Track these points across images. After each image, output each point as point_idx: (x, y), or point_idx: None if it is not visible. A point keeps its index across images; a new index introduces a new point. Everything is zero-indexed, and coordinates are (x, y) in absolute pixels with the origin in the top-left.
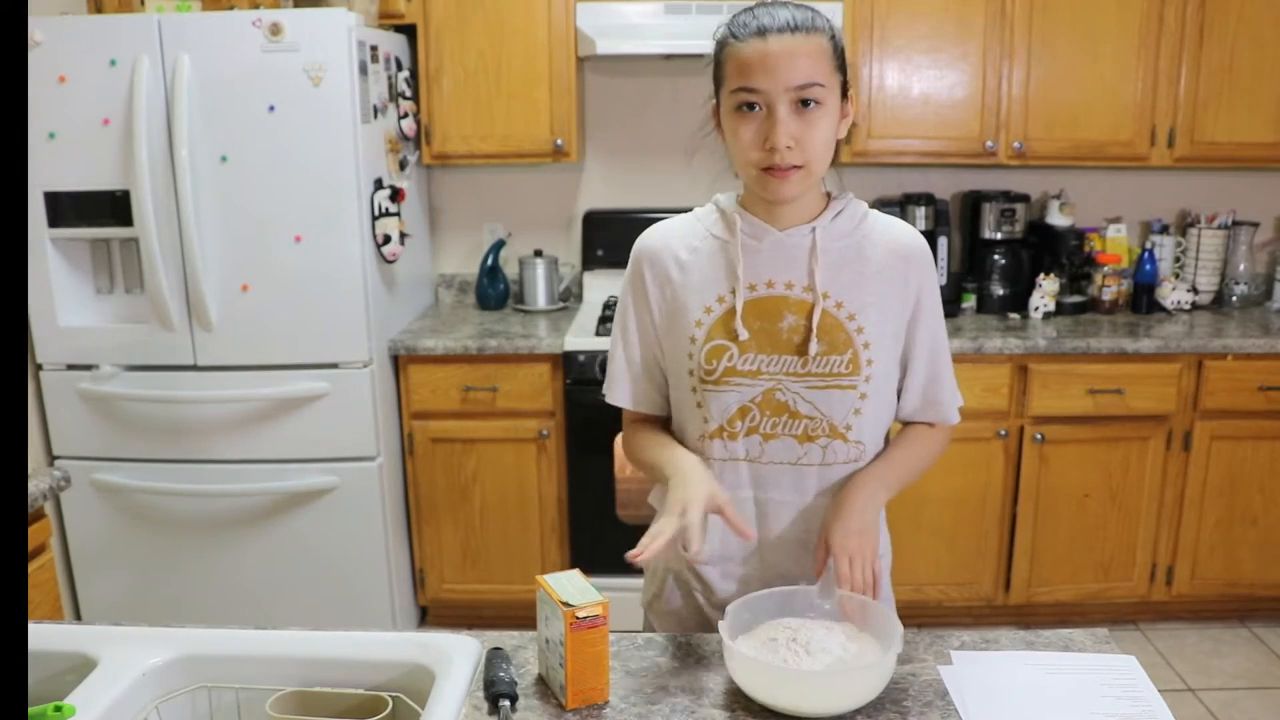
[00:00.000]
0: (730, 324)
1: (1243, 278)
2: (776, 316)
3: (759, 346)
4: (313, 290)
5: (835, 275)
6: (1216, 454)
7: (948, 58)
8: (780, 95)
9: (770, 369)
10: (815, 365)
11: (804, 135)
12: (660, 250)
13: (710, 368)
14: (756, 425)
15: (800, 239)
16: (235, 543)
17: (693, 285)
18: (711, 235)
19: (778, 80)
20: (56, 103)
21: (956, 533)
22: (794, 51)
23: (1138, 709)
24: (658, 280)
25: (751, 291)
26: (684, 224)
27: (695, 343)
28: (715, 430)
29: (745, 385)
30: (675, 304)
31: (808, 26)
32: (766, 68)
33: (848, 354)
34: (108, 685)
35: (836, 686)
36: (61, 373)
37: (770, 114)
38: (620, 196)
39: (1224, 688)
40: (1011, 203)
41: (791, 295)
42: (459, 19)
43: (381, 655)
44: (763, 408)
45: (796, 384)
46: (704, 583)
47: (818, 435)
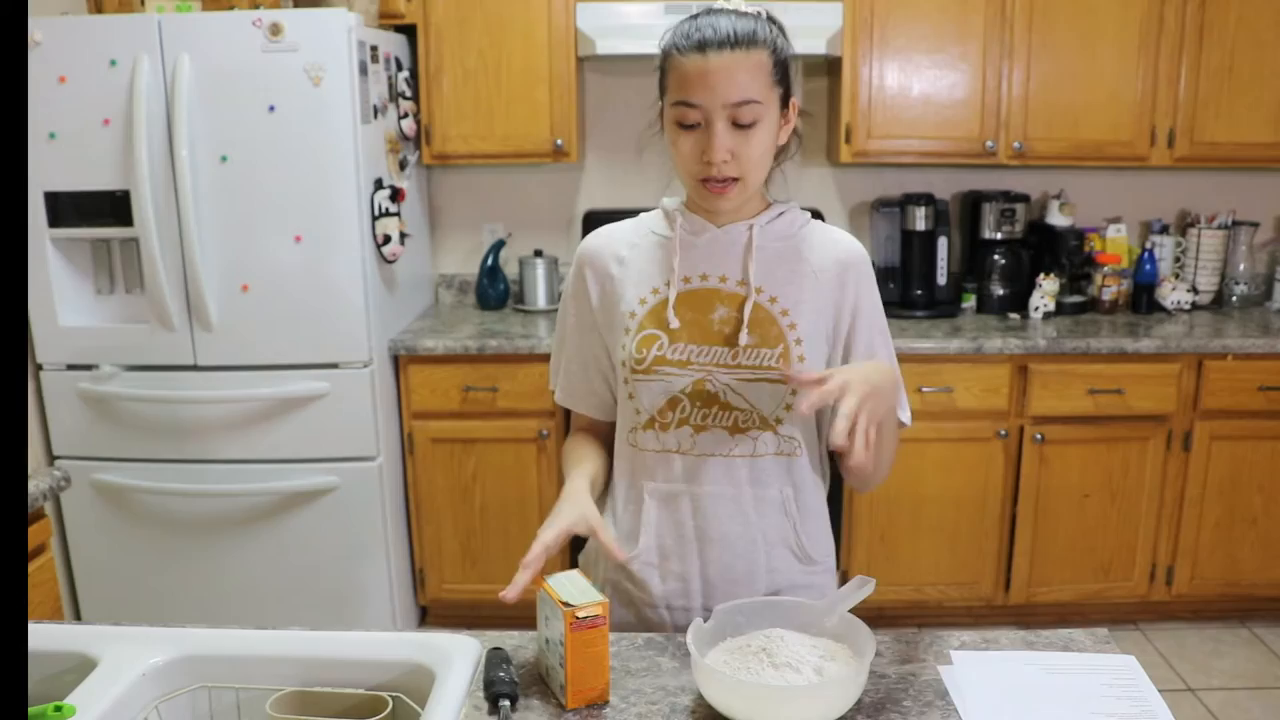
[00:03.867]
0: (662, 314)
1: (1243, 278)
2: (708, 308)
3: (689, 336)
4: (313, 290)
5: (770, 271)
6: (1216, 454)
7: (948, 58)
8: (717, 111)
9: (700, 359)
10: (745, 357)
11: (740, 149)
12: (601, 249)
13: (640, 356)
14: (687, 416)
15: (737, 235)
16: (235, 543)
17: (630, 279)
18: (653, 233)
19: (715, 96)
20: (56, 103)
21: (956, 533)
22: (732, 69)
23: (1138, 709)
24: (598, 278)
25: (685, 284)
26: (628, 225)
27: (629, 333)
28: (647, 422)
29: (674, 375)
30: (613, 298)
31: (748, 41)
32: (705, 84)
33: (779, 348)
34: (108, 685)
35: (790, 702)
36: (61, 373)
37: (708, 128)
38: (620, 196)
39: (1224, 688)
40: (1011, 203)
41: (724, 288)
42: (459, 19)
43: (381, 655)
44: (692, 398)
45: (726, 375)
46: (642, 587)
47: (748, 427)
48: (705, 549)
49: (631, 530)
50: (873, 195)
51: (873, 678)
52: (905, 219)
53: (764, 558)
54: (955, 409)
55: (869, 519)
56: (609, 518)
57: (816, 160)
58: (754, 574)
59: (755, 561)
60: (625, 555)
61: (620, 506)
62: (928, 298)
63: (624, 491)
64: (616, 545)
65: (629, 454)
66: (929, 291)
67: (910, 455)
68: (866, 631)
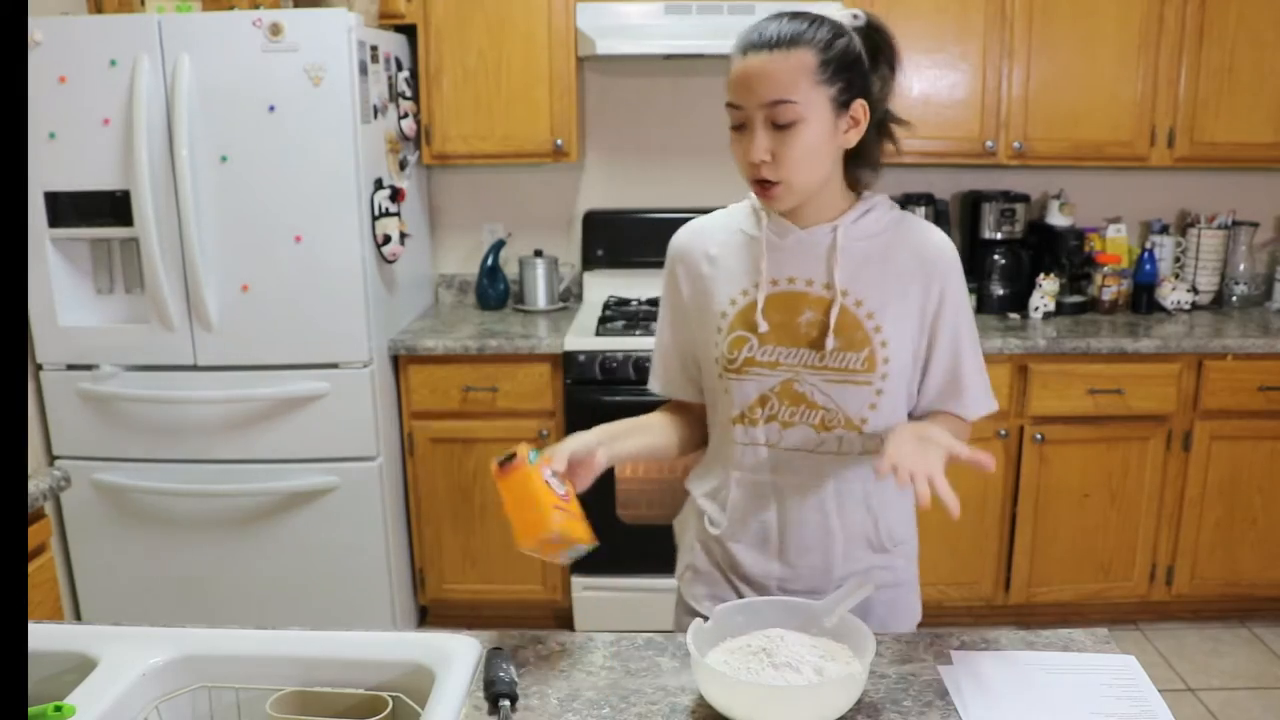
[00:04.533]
0: (751, 316)
1: (1242, 278)
2: (796, 311)
3: (778, 339)
4: (313, 290)
5: (856, 274)
6: (1216, 454)
7: (948, 58)
8: (755, 111)
9: (788, 360)
10: (831, 360)
11: (780, 151)
12: (692, 247)
13: (732, 357)
14: (775, 413)
15: (822, 237)
16: (235, 543)
17: (720, 278)
18: (741, 231)
19: (752, 97)
20: (56, 103)
21: (957, 533)
22: (767, 69)
23: (1138, 709)
24: (689, 275)
25: (774, 286)
26: (717, 220)
27: (720, 333)
28: (738, 416)
29: (764, 375)
30: (705, 296)
31: (790, 41)
32: (744, 85)
33: (864, 351)
34: (108, 685)
35: (790, 702)
36: (61, 373)
37: (751, 130)
38: (620, 196)
39: (1224, 688)
40: (1011, 203)
41: (811, 292)
42: (459, 19)
43: (381, 655)
44: (781, 397)
45: (813, 376)
46: (729, 557)
47: (834, 426)
48: (785, 534)
49: (722, 506)
50: None
51: (873, 678)
52: None
53: (840, 548)
54: None
55: None
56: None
57: None
58: (830, 562)
59: (831, 551)
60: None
61: (713, 485)
62: None
63: (716, 473)
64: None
65: (722, 442)
66: None
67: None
68: (866, 631)
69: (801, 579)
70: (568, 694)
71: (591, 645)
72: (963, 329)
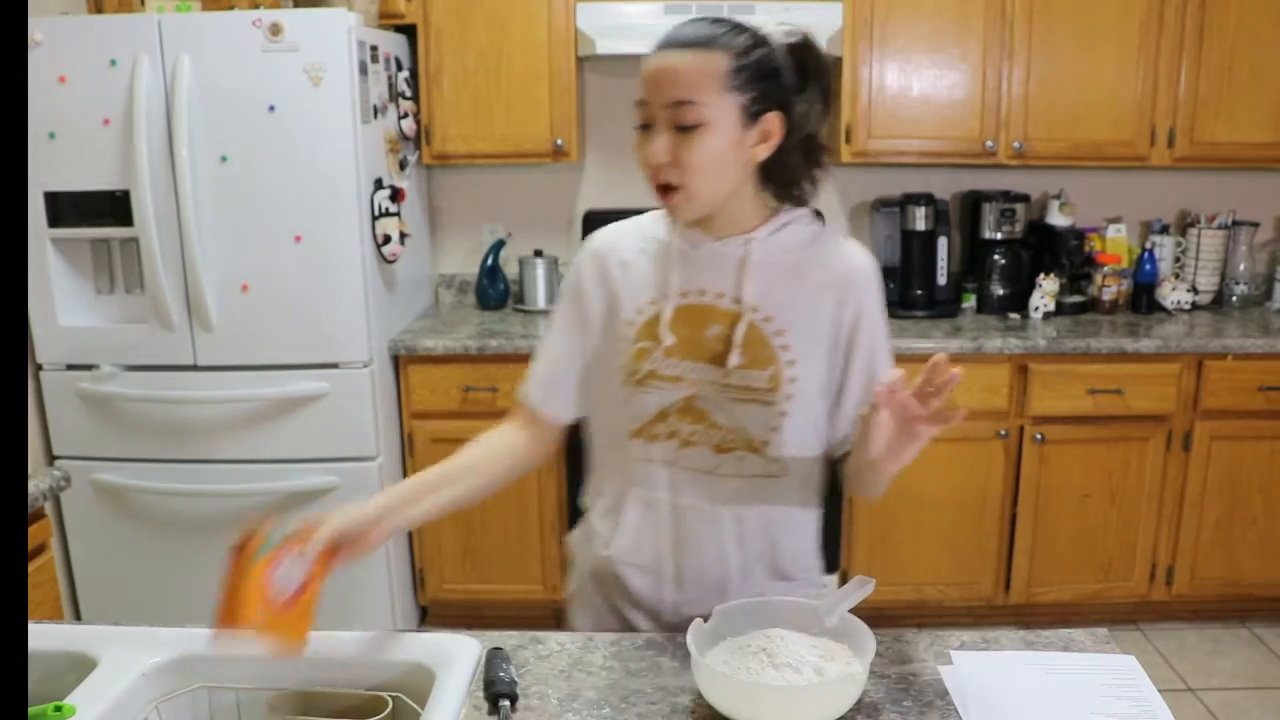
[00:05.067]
0: (657, 328)
1: (1243, 278)
2: (703, 325)
3: (683, 352)
4: (313, 290)
5: (768, 290)
6: (1216, 454)
7: (947, 58)
8: (659, 110)
9: (691, 375)
10: (734, 377)
11: (680, 153)
12: (606, 252)
13: (635, 368)
14: (675, 430)
15: (734, 249)
16: None
17: (631, 286)
18: (655, 239)
19: (658, 96)
20: (56, 103)
21: (956, 533)
22: (676, 68)
23: (1138, 709)
24: (599, 281)
25: (682, 298)
26: (632, 227)
27: (625, 341)
28: (636, 430)
29: (665, 389)
30: (613, 303)
31: (705, 43)
32: (652, 83)
33: (769, 370)
34: (108, 685)
35: (792, 702)
36: (61, 373)
37: (654, 129)
38: (620, 196)
39: (1224, 688)
40: (1011, 203)
41: (720, 305)
42: (459, 19)
43: (381, 655)
44: (681, 414)
45: (716, 393)
46: (617, 583)
47: (734, 447)
48: (680, 558)
49: (613, 528)
50: (873, 195)
51: (873, 678)
52: (905, 219)
53: (738, 575)
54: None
55: (869, 519)
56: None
57: None
58: (725, 587)
59: (728, 576)
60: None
61: (607, 503)
62: (928, 298)
63: (611, 490)
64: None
65: (618, 457)
66: (929, 291)
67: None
68: (867, 631)
69: (696, 604)
70: (568, 694)
71: (591, 645)
72: (879, 350)
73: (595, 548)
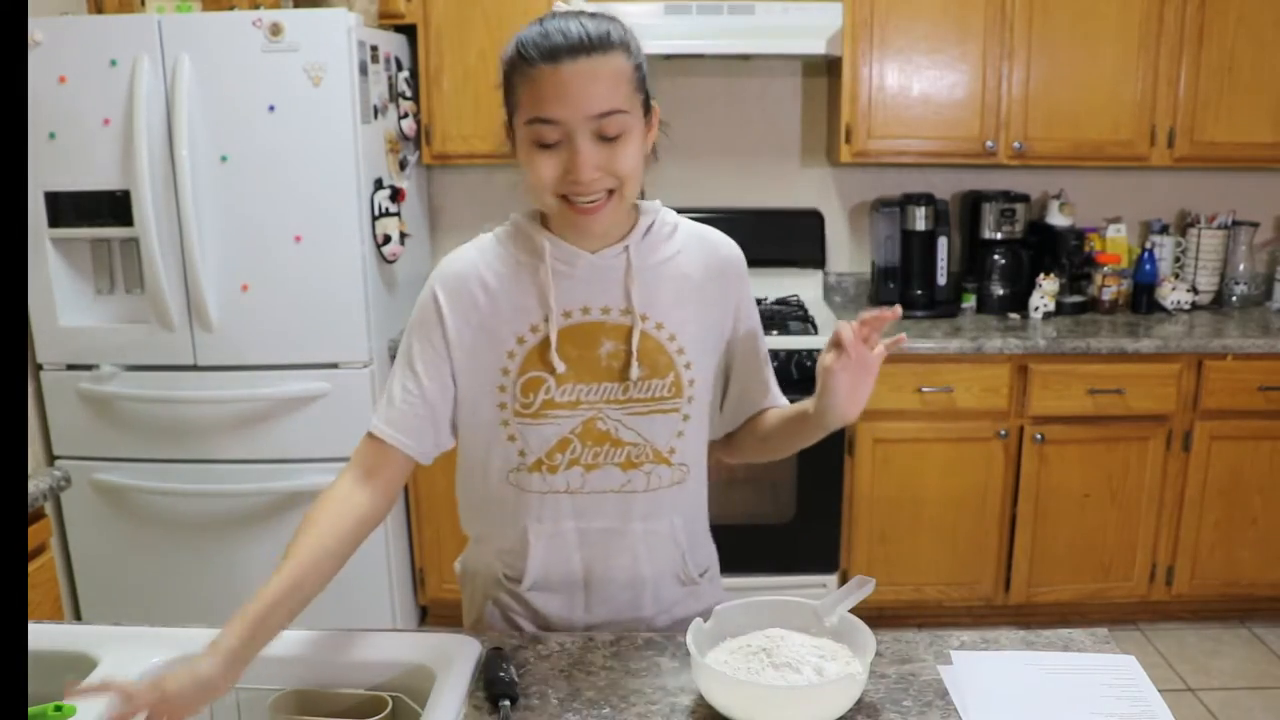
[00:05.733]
0: (546, 355)
1: (1242, 278)
2: (594, 343)
3: (578, 376)
4: (313, 290)
5: (653, 295)
6: (1216, 454)
7: (948, 58)
8: (580, 125)
9: (590, 398)
10: (636, 390)
11: (610, 164)
12: (464, 277)
13: (527, 401)
14: (578, 457)
15: (614, 260)
16: (235, 543)
17: (502, 313)
18: (519, 261)
19: (575, 110)
20: (56, 103)
21: (956, 533)
22: (590, 77)
23: (1138, 709)
24: (460, 309)
25: (566, 319)
26: (487, 247)
27: (508, 374)
28: (534, 464)
29: (564, 417)
30: (482, 334)
31: (603, 45)
32: (562, 97)
33: (669, 376)
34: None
35: (792, 702)
36: (61, 373)
37: (569, 144)
38: None
39: (1224, 688)
40: (1011, 203)
41: (609, 320)
42: (459, 19)
43: (381, 655)
44: (584, 438)
45: (618, 411)
46: (529, 608)
47: (641, 461)
48: (591, 581)
49: (516, 560)
50: (873, 195)
51: (873, 678)
52: (905, 219)
53: (650, 589)
54: (955, 409)
55: (869, 519)
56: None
57: (816, 160)
58: (638, 603)
59: (641, 593)
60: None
61: (503, 541)
62: (928, 298)
63: (505, 526)
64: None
65: (509, 493)
66: (929, 291)
67: (910, 455)
68: (866, 631)
69: (609, 625)
70: (568, 694)
71: (591, 645)
72: (757, 331)
73: (498, 577)
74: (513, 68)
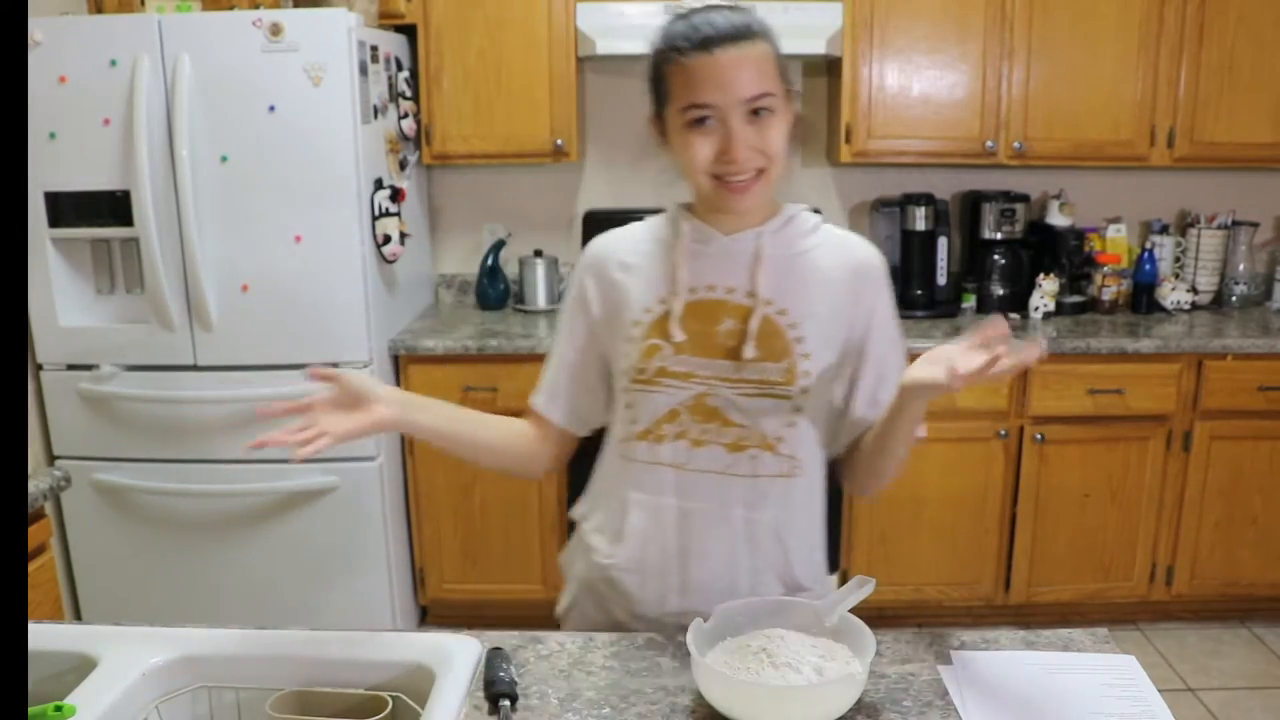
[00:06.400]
0: (667, 325)
1: (1242, 278)
2: (714, 319)
3: (694, 348)
4: (313, 290)
5: (779, 282)
6: (1216, 454)
7: (948, 58)
8: (734, 108)
9: (703, 372)
10: (749, 371)
11: (761, 142)
12: (605, 256)
13: (643, 367)
14: (685, 431)
15: (745, 244)
16: (235, 543)
17: (635, 287)
18: (659, 240)
19: (730, 94)
20: (56, 103)
21: (956, 533)
22: (741, 62)
23: (1138, 709)
24: (600, 285)
25: (692, 294)
26: (634, 230)
27: (632, 341)
28: (642, 432)
29: (676, 387)
30: (617, 305)
31: (750, 33)
32: (717, 83)
33: (784, 362)
34: (108, 685)
35: (792, 702)
36: (61, 373)
37: (724, 127)
38: (620, 196)
39: (1224, 688)
40: (1011, 203)
41: (731, 300)
42: (459, 19)
43: (381, 655)
44: (693, 412)
45: (729, 390)
46: (620, 592)
47: (747, 445)
48: (686, 565)
49: (615, 537)
50: (873, 195)
51: (873, 678)
52: (905, 219)
53: (747, 581)
54: (955, 409)
55: (869, 519)
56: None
57: (816, 160)
58: (734, 595)
59: (737, 583)
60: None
61: (604, 512)
62: (928, 298)
63: (607, 498)
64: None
65: (619, 464)
66: (929, 291)
67: (910, 455)
68: (867, 632)
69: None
70: (568, 694)
71: (591, 645)
72: (890, 347)
73: (594, 558)
74: (664, 61)
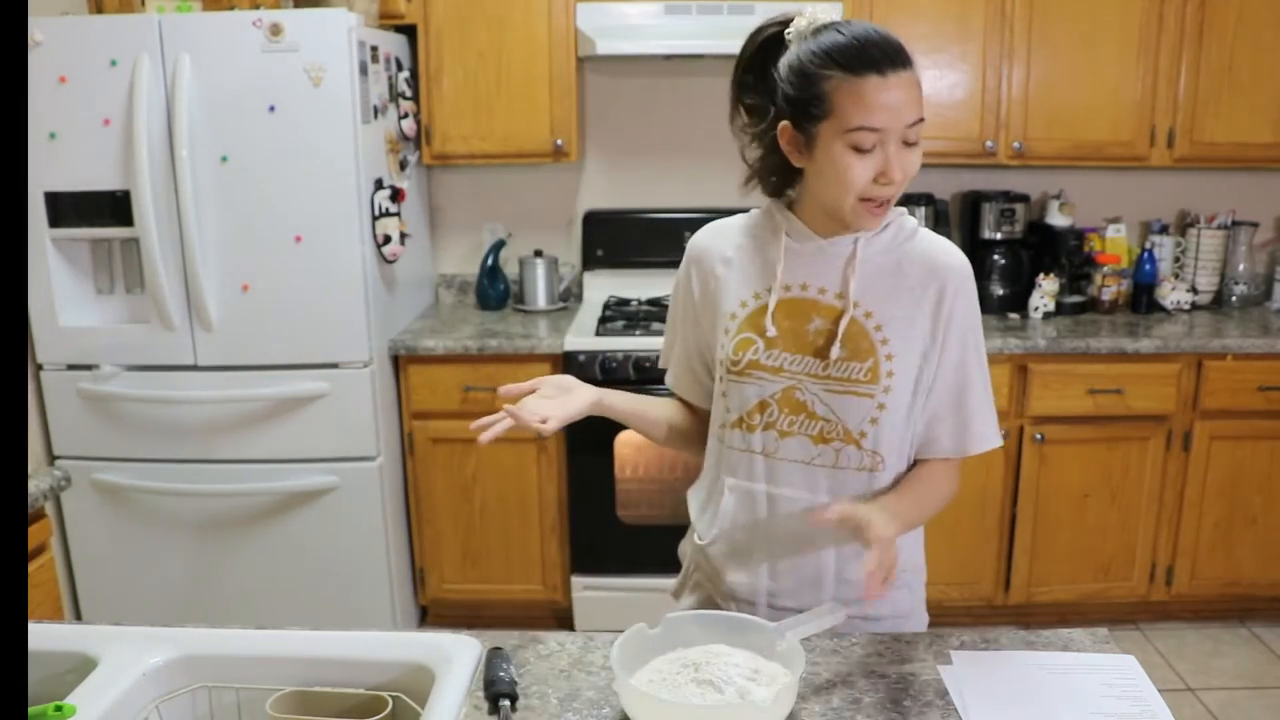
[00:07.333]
0: (761, 320)
1: (1242, 278)
2: (805, 318)
3: (784, 344)
4: (313, 290)
5: (869, 286)
6: (1216, 454)
7: (948, 58)
8: (896, 132)
9: (792, 367)
10: (835, 369)
11: (913, 168)
12: (709, 248)
13: (736, 359)
14: (774, 421)
15: (842, 248)
16: (235, 543)
17: (733, 281)
18: (759, 236)
19: (899, 119)
20: (56, 103)
21: (956, 533)
22: (908, 87)
23: (1138, 709)
24: (702, 276)
25: (786, 291)
26: (737, 224)
27: (728, 334)
28: (735, 421)
29: (766, 380)
30: (716, 297)
31: (909, 58)
32: (888, 107)
33: (869, 362)
34: (108, 685)
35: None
36: (61, 373)
37: (883, 150)
38: (620, 196)
39: (1224, 688)
40: (1011, 203)
41: (823, 300)
42: (459, 19)
43: (381, 655)
44: (781, 404)
45: (815, 385)
46: (715, 574)
47: (832, 438)
48: (775, 548)
49: (711, 518)
50: None
51: (873, 678)
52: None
53: (834, 566)
54: None
55: None
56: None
57: None
58: (821, 580)
59: (824, 568)
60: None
61: (705, 494)
62: None
63: (709, 481)
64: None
65: (716, 448)
66: None
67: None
68: (800, 654)
69: (792, 596)
70: (568, 694)
71: (591, 645)
72: (971, 352)
73: (694, 538)
74: (825, 76)
